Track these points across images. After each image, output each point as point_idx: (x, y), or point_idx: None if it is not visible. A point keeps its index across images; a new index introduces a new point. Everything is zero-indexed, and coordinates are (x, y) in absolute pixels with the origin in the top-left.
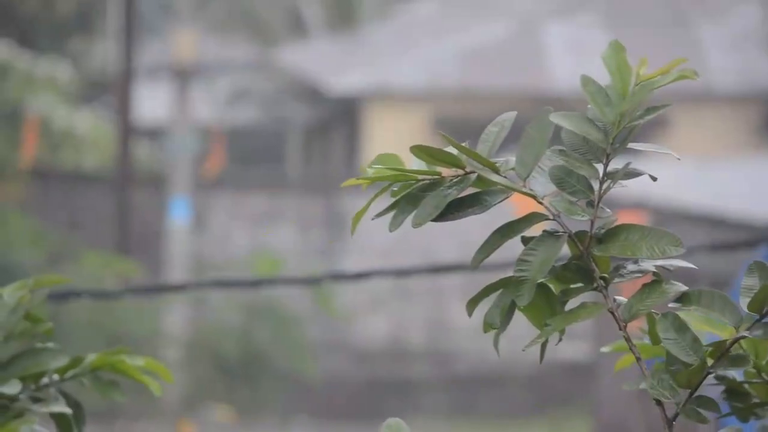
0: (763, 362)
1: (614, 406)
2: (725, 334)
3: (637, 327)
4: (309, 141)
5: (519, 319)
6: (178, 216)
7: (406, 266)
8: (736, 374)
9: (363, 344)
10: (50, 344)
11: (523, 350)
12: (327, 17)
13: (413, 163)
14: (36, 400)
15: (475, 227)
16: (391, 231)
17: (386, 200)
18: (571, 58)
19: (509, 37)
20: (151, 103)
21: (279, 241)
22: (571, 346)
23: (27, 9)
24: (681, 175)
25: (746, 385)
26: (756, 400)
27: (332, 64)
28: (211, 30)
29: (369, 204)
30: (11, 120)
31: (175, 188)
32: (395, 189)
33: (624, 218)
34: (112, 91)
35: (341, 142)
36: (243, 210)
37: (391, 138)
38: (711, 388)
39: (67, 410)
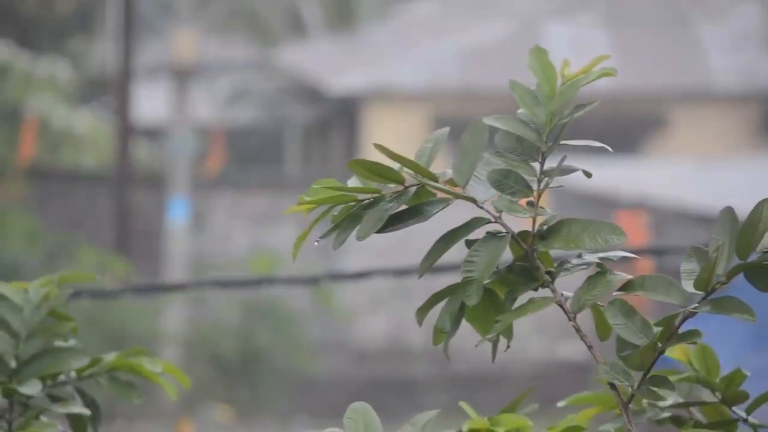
0: (716, 379)
1: None
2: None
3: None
4: (308, 141)
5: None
6: (177, 216)
7: (406, 266)
8: (686, 399)
9: (363, 344)
10: (72, 343)
11: (476, 346)
12: (327, 17)
13: (351, 181)
14: (52, 397)
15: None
16: (335, 249)
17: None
18: (571, 58)
19: (509, 37)
20: (151, 102)
21: (278, 241)
22: (571, 346)
23: (26, 9)
24: (680, 174)
25: (694, 410)
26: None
27: (332, 64)
28: (210, 30)
29: (310, 228)
30: (11, 120)
31: (174, 188)
32: (335, 214)
33: (623, 218)
34: (112, 90)
35: (341, 142)
36: (242, 210)
37: (391, 138)
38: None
39: (86, 411)
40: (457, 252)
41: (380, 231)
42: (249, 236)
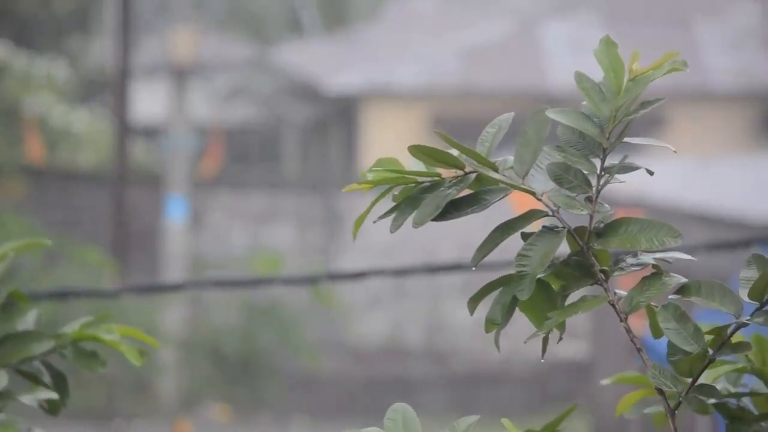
0: None
1: (612, 405)
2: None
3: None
4: (307, 140)
5: (519, 318)
6: (175, 214)
7: (404, 265)
8: (736, 389)
9: (361, 343)
10: (32, 322)
11: (525, 342)
12: (325, 16)
13: (412, 164)
14: (21, 373)
15: (476, 227)
16: (392, 232)
17: (385, 202)
18: (570, 57)
19: (509, 36)
20: (149, 101)
21: (277, 240)
22: (570, 345)
23: (24, 8)
24: (679, 173)
25: (746, 399)
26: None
27: (330, 63)
28: (209, 28)
29: (371, 207)
30: (9, 119)
31: (172, 187)
32: (396, 193)
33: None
34: (110, 89)
35: (339, 141)
36: (240, 208)
37: (390, 137)
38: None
39: (53, 395)
40: (456, 250)
41: (437, 219)
42: (247, 235)
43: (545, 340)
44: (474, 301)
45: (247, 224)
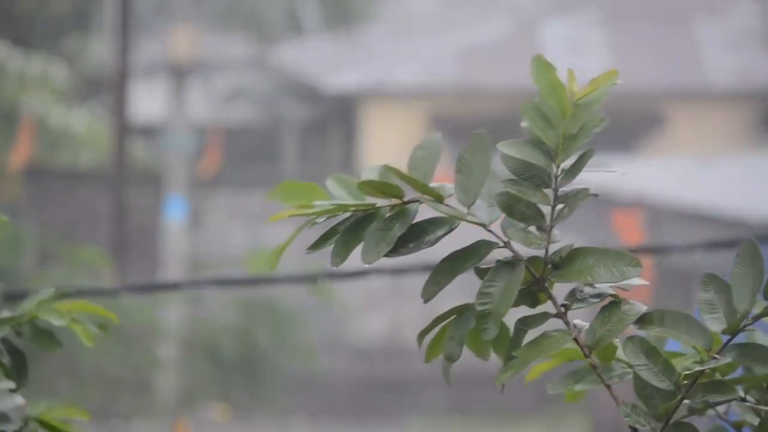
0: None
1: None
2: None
3: None
4: (306, 139)
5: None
6: (174, 214)
7: (403, 264)
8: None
9: (360, 342)
10: None
11: (493, 384)
12: (324, 15)
13: (334, 192)
14: None
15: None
16: (334, 267)
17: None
18: (570, 57)
19: (507, 35)
20: (148, 101)
21: (276, 240)
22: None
23: (22, 8)
24: (677, 173)
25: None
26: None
27: (329, 63)
28: (208, 28)
29: (292, 238)
30: (7, 120)
31: (171, 186)
32: (320, 221)
33: (621, 217)
34: (109, 89)
35: (338, 141)
36: (240, 208)
37: (389, 136)
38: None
39: (10, 384)
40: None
41: (388, 255)
42: (246, 235)
43: (512, 370)
44: (423, 335)
45: (246, 224)
